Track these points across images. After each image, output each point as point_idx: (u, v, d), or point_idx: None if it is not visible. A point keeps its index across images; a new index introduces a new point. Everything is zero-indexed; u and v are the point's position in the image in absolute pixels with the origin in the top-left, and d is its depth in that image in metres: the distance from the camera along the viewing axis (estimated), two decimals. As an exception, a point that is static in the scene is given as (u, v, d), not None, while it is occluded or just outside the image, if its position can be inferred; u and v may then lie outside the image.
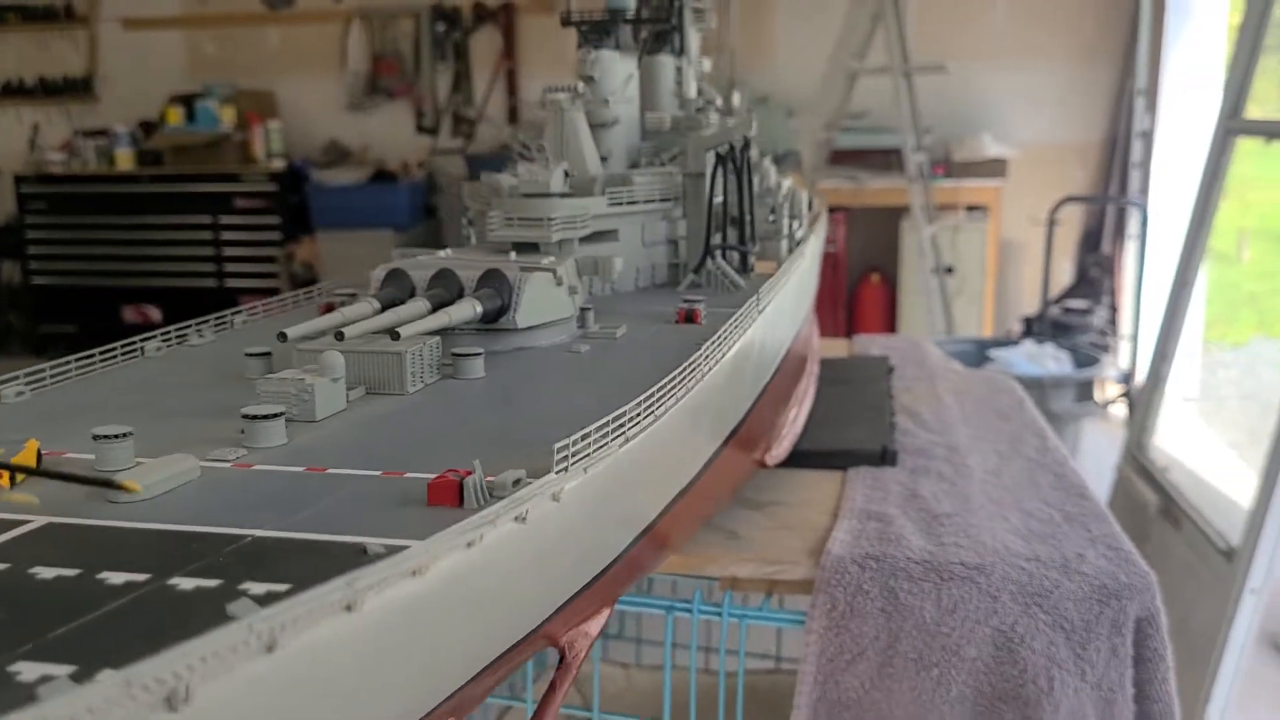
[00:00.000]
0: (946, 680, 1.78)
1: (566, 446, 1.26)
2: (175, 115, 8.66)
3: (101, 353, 1.93)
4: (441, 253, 2.13)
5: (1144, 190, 7.42)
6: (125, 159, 8.67)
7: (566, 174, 2.22)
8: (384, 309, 1.79)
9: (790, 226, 2.62)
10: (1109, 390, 7.03)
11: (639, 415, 1.42)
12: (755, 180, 2.53)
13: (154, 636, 0.85)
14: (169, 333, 2.08)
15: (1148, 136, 7.37)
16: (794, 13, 8.19)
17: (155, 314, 8.80)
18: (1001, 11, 7.85)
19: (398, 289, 1.85)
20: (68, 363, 1.86)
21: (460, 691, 1.14)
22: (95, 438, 1.34)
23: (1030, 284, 7.88)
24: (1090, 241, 7.93)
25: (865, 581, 1.82)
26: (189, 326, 2.14)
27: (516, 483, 1.23)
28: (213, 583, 1.00)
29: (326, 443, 1.48)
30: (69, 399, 1.76)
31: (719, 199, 2.38)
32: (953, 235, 7.54)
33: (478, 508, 1.18)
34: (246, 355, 1.82)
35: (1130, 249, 7.59)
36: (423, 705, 1.07)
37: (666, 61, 2.74)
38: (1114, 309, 7.65)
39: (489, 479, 1.22)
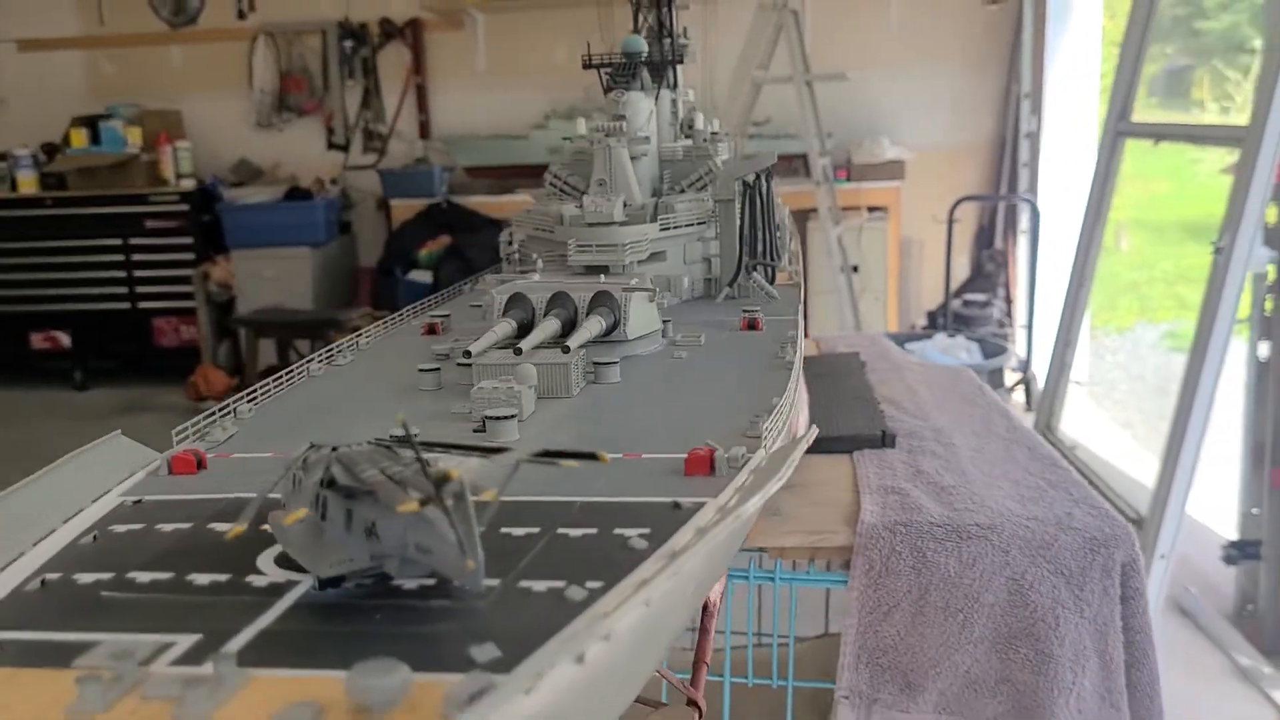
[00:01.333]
0: (970, 623, 2.06)
1: (764, 423, 1.63)
2: (79, 137, 8.56)
3: (274, 378, 2.08)
4: (535, 276, 2.33)
5: (1032, 188, 7.89)
6: (28, 182, 8.55)
7: (625, 204, 2.45)
8: (519, 329, 2.00)
9: (789, 240, 2.90)
10: (1008, 377, 7.48)
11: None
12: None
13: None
14: (314, 358, 2.25)
15: (1034, 137, 7.85)
16: (700, 26, 8.47)
17: (64, 339, 8.70)
18: (895, 22, 8.26)
19: (522, 310, 2.05)
20: (266, 384, 2.05)
21: None
22: (486, 419, 1.68)
23: (929, 280, 8.31)
24: (984, 237, 8.39)
25: (897, 544, 2.09)
26: (332, 350, 2.32)
27: (743, 455, 1.52)
28: (592, 530, 1.34)
29: (552, 436, 1.72)
30: (299, 407, 1.96)
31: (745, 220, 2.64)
32: (857, 235, 7.91)
33: (727, 475, 1.49)
34: (420, 370, 2.02)
35: (1021, 243, 8.06)
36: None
37: (664, 95, 2.97)
38: (1008, 300, 8.11)
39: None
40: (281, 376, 2.09)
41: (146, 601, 1.22)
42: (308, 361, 2.21)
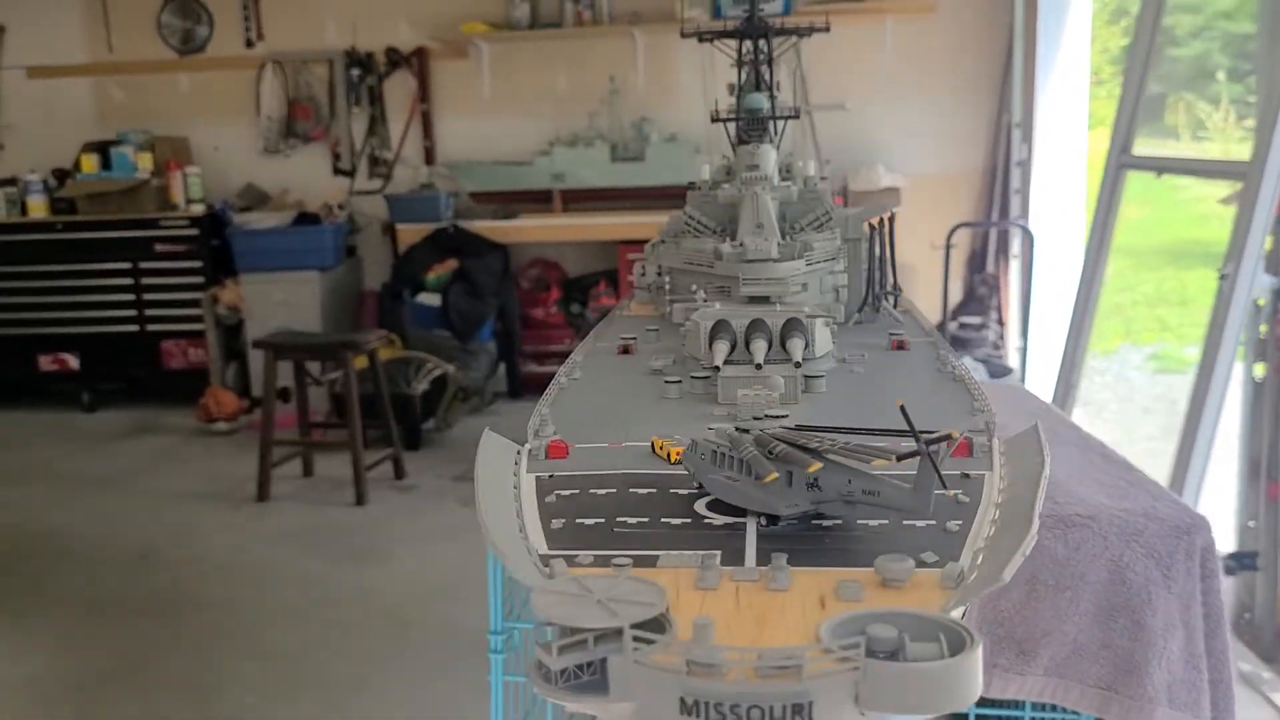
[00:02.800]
0: (1076, 598, 2.31)
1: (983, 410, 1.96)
2: (90, 163, 8.68)
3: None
4: (717, 305, 2.55)
5: (1024, 214, 8.21)
6: (38, 207, 8.65)
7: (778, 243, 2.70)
8: (731, 349, 2.22)
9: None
10: (1004, 396, 7.74)
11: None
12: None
13: None
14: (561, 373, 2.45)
15: (1025, 165, 8.16)
16: (694, 57, 8.73)
17: (73, 361, 8.78)
18: (890, 55, 8.57)
19: (727, 333, 2.26)
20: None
21: None
22: (755, 419, 1.98)
23: (924, 303, 8.53)
24: (976, 262, 8.69)
25: None
26: (570, 366, 2.51)
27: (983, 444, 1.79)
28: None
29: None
30: (585, 410, 2.18)
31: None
32: (855, 260, 8.16)
33: (984, 456, 1.76)
34: (665, 382, 2.27)
35: (1013, 268, 8.37)
36: None
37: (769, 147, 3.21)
38: (1001, 323, 8.41)
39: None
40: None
41: (650, 536, 1.51)
42: (559, 377, 2.41)
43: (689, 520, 1.58)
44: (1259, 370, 4.98)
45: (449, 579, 5.55)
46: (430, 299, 8.37)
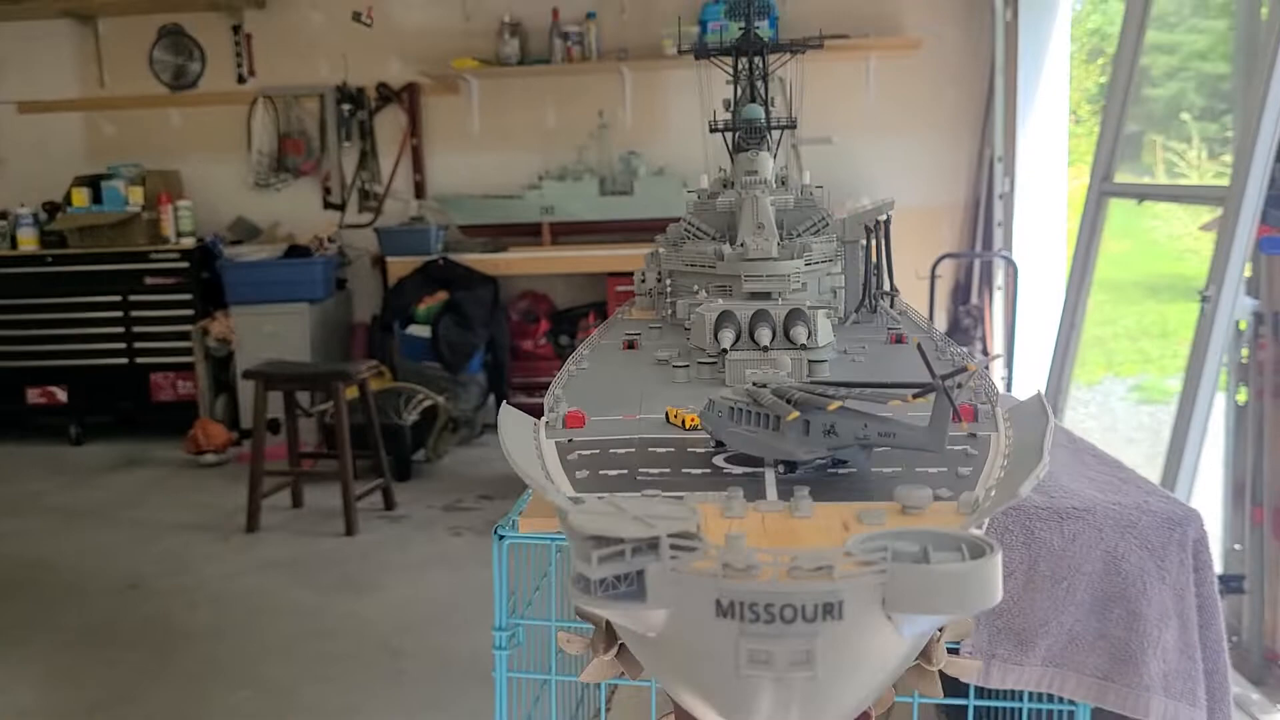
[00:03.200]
0: (1073, 589, 2.35)
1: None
2: (81, 197, 8.71)
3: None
4: (719, 302, 2.60)
5: (1007, 246, 8.32)
6: (28, 240, 8.67)
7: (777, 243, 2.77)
8: (737, 338, 2.28)
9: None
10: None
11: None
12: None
13: None
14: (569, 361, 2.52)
15: (1007, 198, 8.29)
16: (682, 91, 8.86)
17: (61, 395, 8.78)
18: (874, 91, 8.72)
19: (732, 324, 2.32)
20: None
21: None
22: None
23: (910, 334, 8.66)
24: (960, 293, 8.79)
25: (1009, 524, 2.37)
26: (577, 355, 2.59)
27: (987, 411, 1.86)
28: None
29: None
30: (596, 390, 2.24)
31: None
32: (841, 291, 8.26)
33: (988, 421, 1.82)
34: (674, 367, 2.35)
35: (997, 299, 8.47)
36: None
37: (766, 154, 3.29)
38: (986, 353, 8.49)
39: None
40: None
41: (673, 482, 1.57)
42: (567, 365, 2.47)
43: (709, 471, 1.64)
44: (1241, 395, 5.07)
45: (440, 608, 5.55)
46: (420, 331, 8.41)
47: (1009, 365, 7.98)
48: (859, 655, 1.07)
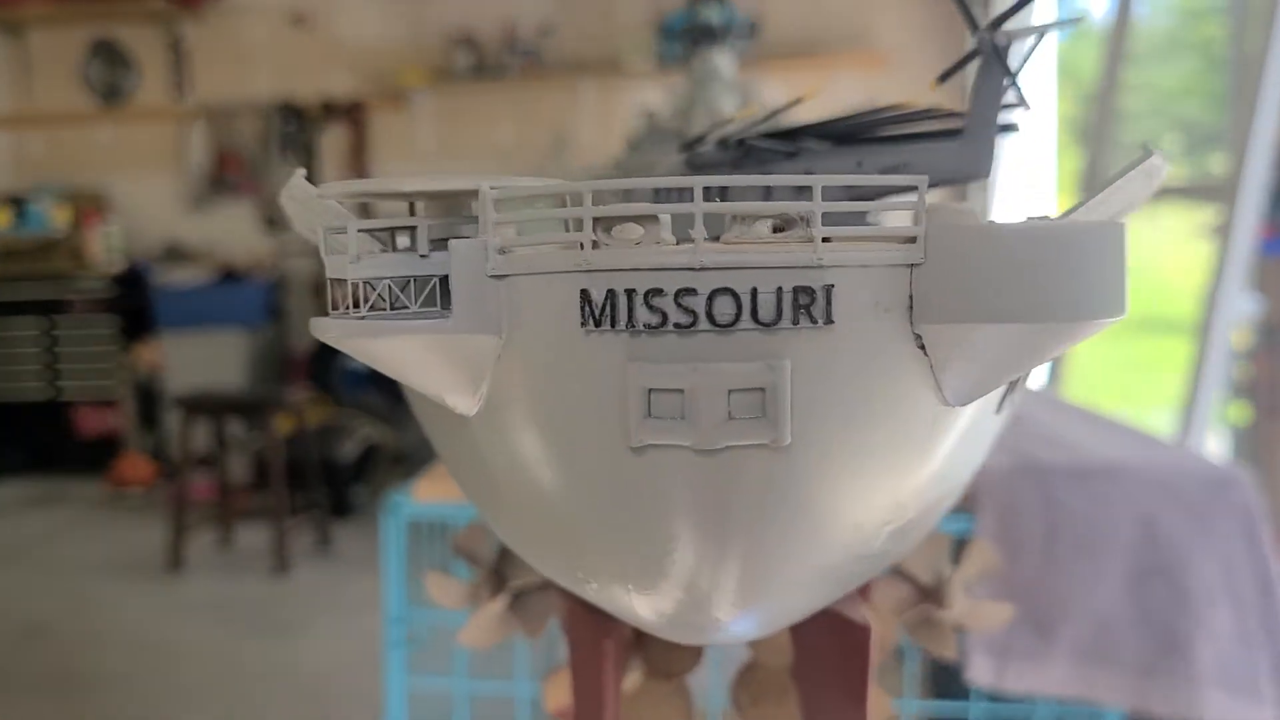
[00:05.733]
0: (1102, 563, 1.88)
1: None
2: (4, 217, 8.23)
3: None
4: None
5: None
6: (-56, 263, 8.16)
7: None
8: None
9: None
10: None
11: None
12: None
13: None
14: None
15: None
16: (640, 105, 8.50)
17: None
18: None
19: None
20: None
21: None
22: None
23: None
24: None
25: (1024, 488, 1.91)
26: None
27: None
28: None
29: None
30: None
31: None
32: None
33: None
34: None
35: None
36: None
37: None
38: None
39: None
40: None
41: None
42: None
43: None
44: (1239, 413, 4.81)
45: (372, 650, 5.09)
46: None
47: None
48: (867, 411, 0.54)
